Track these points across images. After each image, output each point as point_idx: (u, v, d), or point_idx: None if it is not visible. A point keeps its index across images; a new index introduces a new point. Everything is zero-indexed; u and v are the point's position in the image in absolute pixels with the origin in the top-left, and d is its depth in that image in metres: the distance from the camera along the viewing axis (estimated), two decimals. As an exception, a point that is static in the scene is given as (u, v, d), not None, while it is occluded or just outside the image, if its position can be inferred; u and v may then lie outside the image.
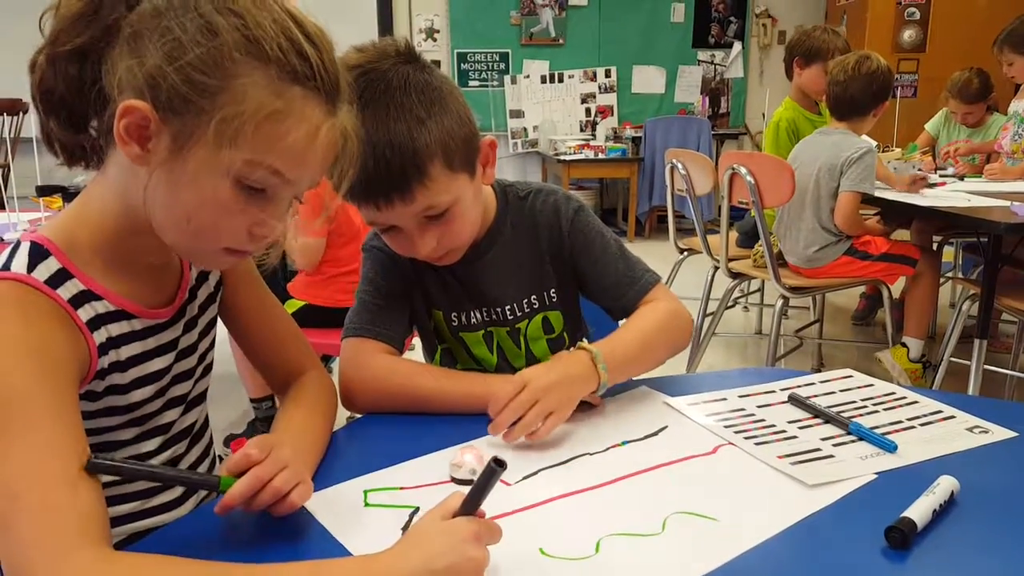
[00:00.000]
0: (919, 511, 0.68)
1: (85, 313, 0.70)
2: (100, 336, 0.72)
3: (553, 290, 1.10)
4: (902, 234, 3.15)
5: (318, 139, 0.68)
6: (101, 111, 0.68)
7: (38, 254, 0.69)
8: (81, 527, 0.57)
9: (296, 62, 0.66)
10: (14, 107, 4.22)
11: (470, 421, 0.91)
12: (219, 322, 0.93)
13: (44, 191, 2.53)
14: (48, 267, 0.69)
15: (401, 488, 0.77)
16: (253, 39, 0.65)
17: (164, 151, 0.66)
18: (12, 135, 4.04)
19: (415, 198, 0.88)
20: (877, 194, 2.66)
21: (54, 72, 0.69)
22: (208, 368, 0.90)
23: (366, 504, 0.75)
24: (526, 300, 1.09)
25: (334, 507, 0.74)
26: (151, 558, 0.59)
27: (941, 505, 0.71)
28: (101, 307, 0.72)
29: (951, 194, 2.74)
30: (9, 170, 4.28)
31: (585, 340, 0.96)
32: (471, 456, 0.78)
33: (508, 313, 1.08)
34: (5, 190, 2.44)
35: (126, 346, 0.75)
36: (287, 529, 0.70)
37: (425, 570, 0.57)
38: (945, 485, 0.73)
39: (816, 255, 2.58)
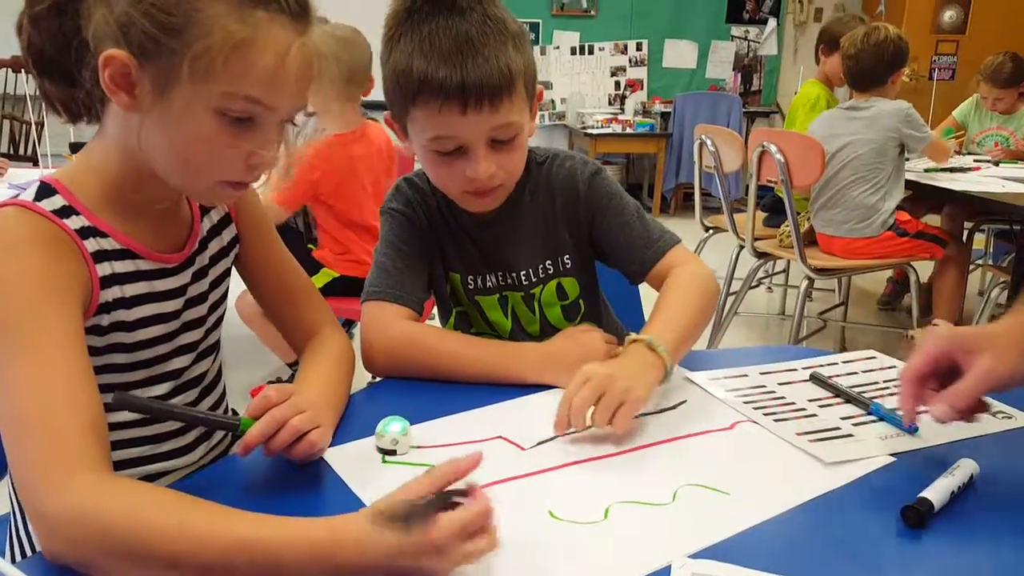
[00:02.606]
0: (937, 492, 0.68)
1: (89, 246, 0.72)
2: (104, 269, 0.73)
3: (567, 256, 1.09)
4: (933, 219, 3.10)
5: (288, 60, 0.69)
6: (87, 64, 0.69)
7: (45, 191, 0.72)
8: (82, 450, 0.60)
9: None
10: (47, 65, 4.26)
11: (486, 385, 0.92)
12: (234, 282, 0.94)
13: (77, 148, 2.56)
14: (53, 202, 0.71)
15: (418, 447, 0.78)
16: None
17: (149, 95, 0.68)
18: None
19: (500, 108, 0.89)
20: (910, 178, 2.63)
21: (38, 31, 0.71)
22: (220, 319, 0.91)
23: (384, 461, 0.76)
24: (541, 266, 1.09)
25: (353, 461, 0.75)
26: (146, 486, 0.62)
27: (960, 487, 0.70)
28: (107, 244, 0.74)
29: (985, 179, 2.68)
30: (43, 127, 4.33)
31: (632, 333, 0.93)
32: (395, 426, 0.77)
33: (523, 278, 1.08)
34: (39, 147, 2.47)
35: (130, 284, 0.76)
36: (306, 479, 0.72)
37: (369, 566, 0.56)
38: (965, 467, 0.72)
39: (859, 226, 2.56)
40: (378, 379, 1.00)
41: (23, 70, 4.41)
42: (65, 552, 0.57)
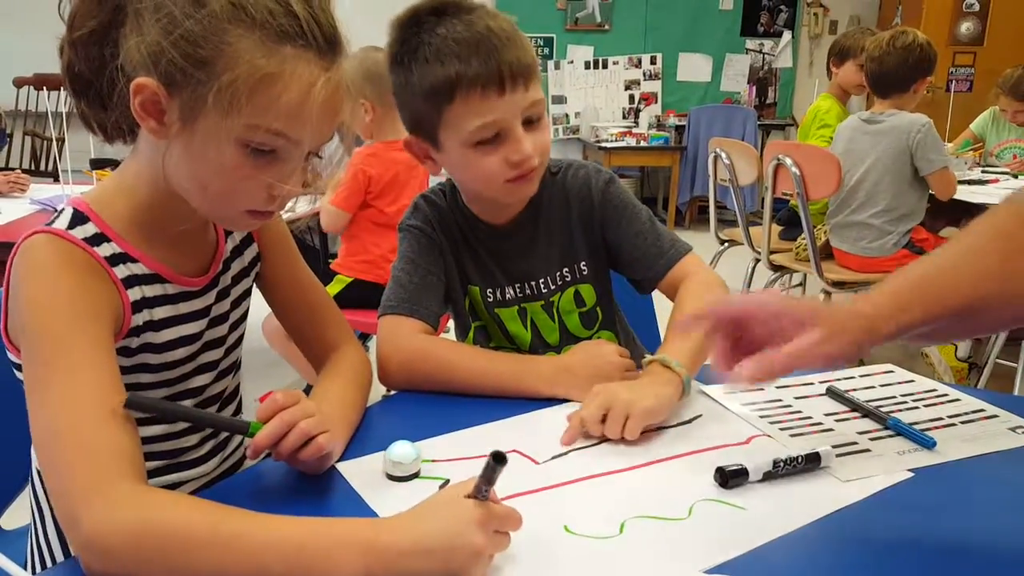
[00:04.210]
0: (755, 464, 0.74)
1: (120, 272, 0.73)
2: (134, 294, 0.75)
3: (583, 263, 1.10)
4: (951, 232, 3.07)
5: (313, 96, 0.69)
6: (120, 90, 0.70)
7: (78, 218, 0.73)
8: (116, 463, 0.62)
9: (284, 22, 0.68)
10: (69, 82, 4.34)
11: (501, 398, 0.92)
12: (258, 302, 0.95)
13: (97, 164, 2.60)
14: (85, 230, 0.73)
15: (433, 460, 0.78)
16: (239, 5, 0.67)
17: (176, 123, 0.69)
18: (67, 109, 4.15)
19: (530, 86, 0.94)
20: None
21: (76, 55, 0.73)
22: (240, 339, 0.92)
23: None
24: (558, 273, 1.10)
25: (367, 473, 0.75)
26: (179, 495, 0.64)
27: (793, 459, 0.75)
28: (137, 269, 0.75)
29: (1004, 192, 2.65)
30: (64, 143, 4.39)
31: (647, 353, 0.96)
32: (404, 451, 0.76)
33: (542, 286, 1.09)
34: (60, 163, 2.51)
35: (159, 308, 0.78)
36: (321, 492, 0.72)
37: (418, 547, 0.58)
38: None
39: (872, 245, 2.53)
40: (393, 392, 1.00)
41: (44, 87, 4.49)
42: (103, 563, 0.58)
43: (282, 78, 0.68)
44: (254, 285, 0.93)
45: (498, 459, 0.58)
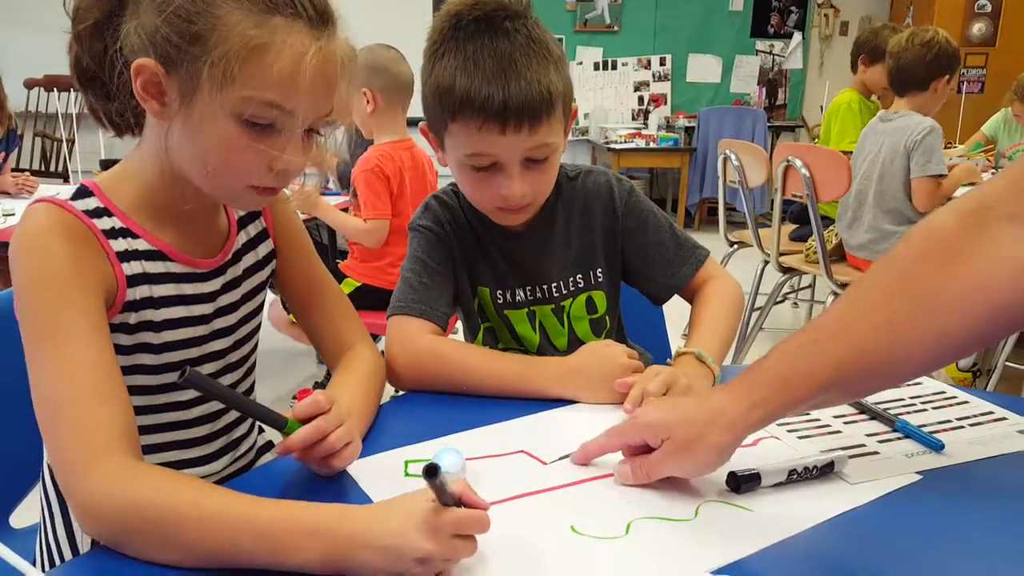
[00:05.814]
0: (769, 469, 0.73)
1: (118, 245, 0.75)
2: (132, 268, 0.76)
3: (600, 269, 1.11)
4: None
5: (304, 65, 0.70)
6: (124, 76, 0.72)
7: (82, 192, 0.76)
8: (109, 438, 0.64)
9: None
10: (79, 84, 4.37)
11: (509, 399, 0.93)
12: (269, 301, 0.95)
13: (107, 165, 2.61)
14: (87, 203, 0.75)
15: (441, 462, 0.79)
16: None
17: (176, 102, 0.71)
18: (77, 111, 4.19)
19: (539, 130, 0.92)
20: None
21: (82, 48, 0.74)
22: (252, 334, 0.92)
23: (406, 474, 0.77)
24: (572, 278, 1.10)
25: (375, 474, 0.76)
26: (166, 471, 0.65)
27: (808, 468, 0.74)
28: (138, 244, 0.77)
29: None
30: (74, 145, 4.43)
31: (688, 346, 0.99)
32: (453, 460, 0.74)
33: (554, 290, 1.10)
34: (70, 164, 2.53)
35: (160, 285, 0.78)
36: (329, 490, 0.72)
37: (372, 542, 0.58)
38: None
39: (880, 247, 2.52)
40: (402, 392, 1.01)
41: (55, 88, 4.52)
42: (95, 531, 0.62)
43: (273, 47, 0.69)
44: (270, 283, 0.94)
45: (429, 473, 0.56)
